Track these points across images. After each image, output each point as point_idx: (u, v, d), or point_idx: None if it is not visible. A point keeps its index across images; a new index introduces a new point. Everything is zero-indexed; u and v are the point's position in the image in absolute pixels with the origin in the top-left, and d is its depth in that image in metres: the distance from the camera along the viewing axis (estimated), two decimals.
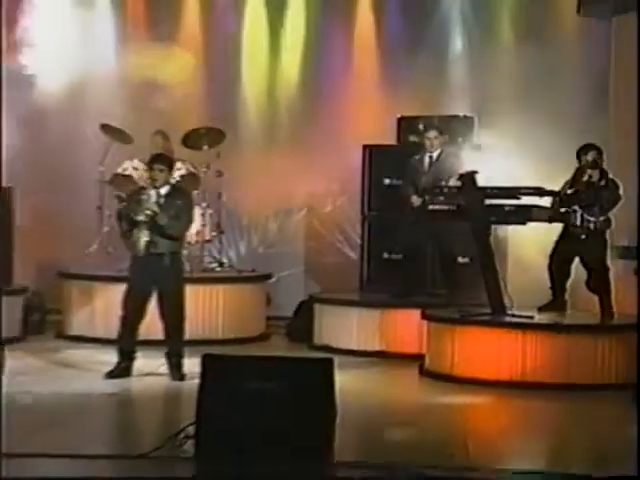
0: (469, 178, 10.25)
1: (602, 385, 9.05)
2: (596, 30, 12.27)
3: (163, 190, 9.31)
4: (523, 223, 9.97)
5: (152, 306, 9.40)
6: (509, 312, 9.86)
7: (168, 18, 13.52)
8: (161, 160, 9.53)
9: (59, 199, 12.73)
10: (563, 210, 9.99)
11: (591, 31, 12.34)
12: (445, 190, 10.48)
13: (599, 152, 10.13)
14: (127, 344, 9.40)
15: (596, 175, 9.96)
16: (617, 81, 11.77)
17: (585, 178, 9.97)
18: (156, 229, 9.14)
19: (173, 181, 10.09)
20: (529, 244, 11.41)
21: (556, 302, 10.25)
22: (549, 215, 9.77)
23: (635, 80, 10.99)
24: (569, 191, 9.97)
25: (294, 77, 13.58)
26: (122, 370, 9.34)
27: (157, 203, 9.18)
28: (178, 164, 11.40)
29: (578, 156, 10.20)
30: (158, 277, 9.27)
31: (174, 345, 9.37)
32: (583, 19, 12.33)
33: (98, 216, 12.02)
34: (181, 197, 9.48)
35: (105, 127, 12.04)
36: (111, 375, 9.30)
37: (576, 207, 9.94)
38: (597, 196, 9.93)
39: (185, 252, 11.21)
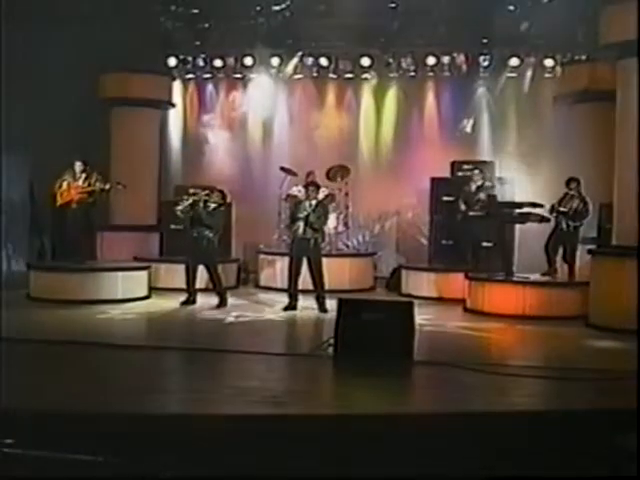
0: (493, 197, 10.48)
1: (569, 316, 8.91)
2: (563, 113, 11.99)
3: (313, 202, 9.40)
4: (524, 223, 9.93)
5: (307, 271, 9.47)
6: (515, 275, 9.78)
7: (320, 106, 13.60)
8: (312, 185, 9.69)
9: (257, 207, 12.65)
10: (554, 216, 9.86)
11: (561, 114, 12.06)
12: (481, 203, 10.55)
13: (578, 182, 9.96)
14: (293, 291, 9.44)
15: (580, 203, 9.83)
16: (577, 139, 11.53)
17: (575, 204, 9.80)
18: (307, 224, 9.27)
19: (319, 198, 10.18)
20: (529, 235, 11.23)
21: (550, 269, 10.00)
22: (539, 219, 9.71)
23: (586, 137, 11.21)
24: (562, 209, 9.81)
25: (390, 136, 13.43)
26: (291, 306, 9.41)
27: (310, 209, 9.36)
28: (323, 188, 11.39)
29: (567, 184, 9.99)
30: (307, 252, 9.30)
31: (320, 291, 9.37)
32: (556, 107, 12.20)
33: (278, 218, 12.06)
34: (322, 207, 9.54)
35: (282, 168, 12.11)
36: (285, 309, 9.37)
37: (564, 218, 9.82)
38: (580, 215, 9.82)
39: (327, 239, 11.40)
